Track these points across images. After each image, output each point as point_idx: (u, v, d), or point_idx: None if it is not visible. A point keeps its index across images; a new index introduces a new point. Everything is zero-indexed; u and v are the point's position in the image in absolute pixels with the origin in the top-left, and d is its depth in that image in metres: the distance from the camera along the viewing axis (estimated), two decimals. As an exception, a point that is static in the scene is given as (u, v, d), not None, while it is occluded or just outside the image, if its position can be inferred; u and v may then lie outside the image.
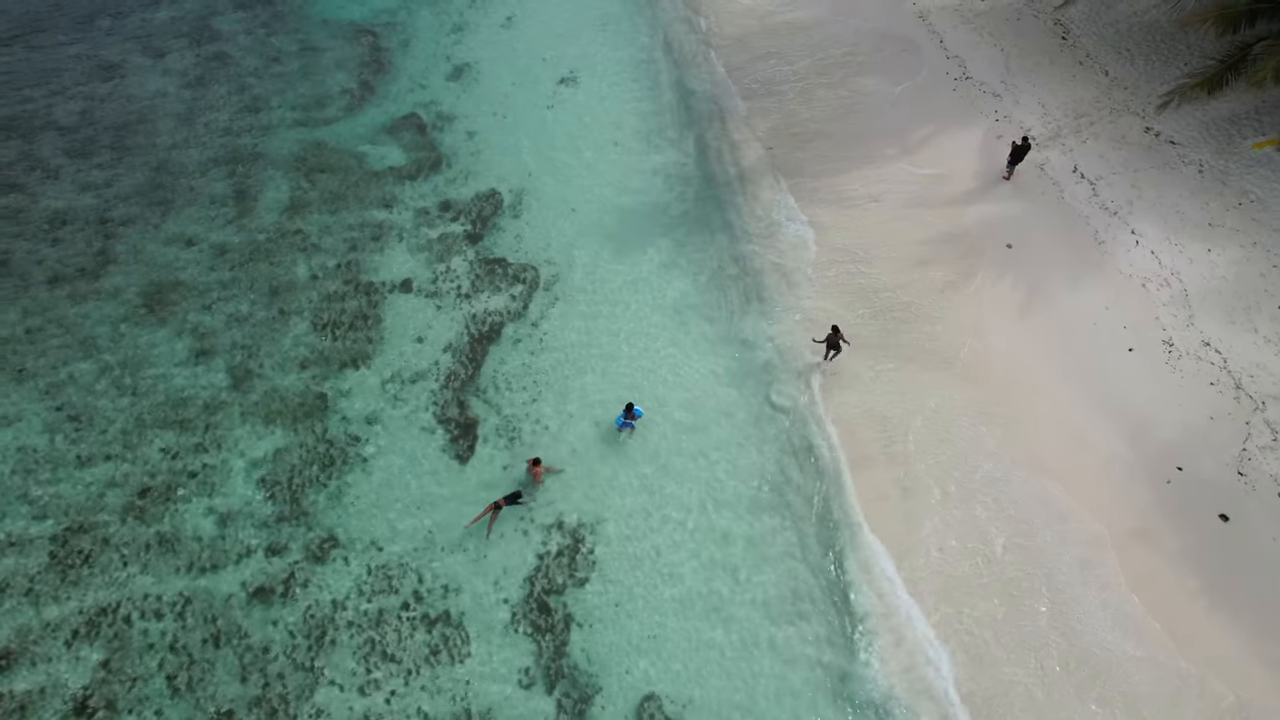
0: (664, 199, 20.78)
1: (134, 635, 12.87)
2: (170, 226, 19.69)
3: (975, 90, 22.21)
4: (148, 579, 13.58)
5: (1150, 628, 12.45)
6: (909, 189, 19.95)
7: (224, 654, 12.74)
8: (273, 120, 22.95)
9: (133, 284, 18.30)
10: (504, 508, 14.21)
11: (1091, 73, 21.51)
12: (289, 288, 18.43)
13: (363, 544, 14.09)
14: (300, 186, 20.96)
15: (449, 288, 18.48)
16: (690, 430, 15.65)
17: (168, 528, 14.24)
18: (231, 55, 25.20)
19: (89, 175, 20.79)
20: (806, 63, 24.49)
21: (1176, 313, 16.22)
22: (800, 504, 14.53)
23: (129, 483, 14.81)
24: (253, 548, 14.04)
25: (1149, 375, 15.39)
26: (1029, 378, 15.76)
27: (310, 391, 16.37)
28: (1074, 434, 14.85)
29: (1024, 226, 18.50)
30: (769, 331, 17.32)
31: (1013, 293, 17.27)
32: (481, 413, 16.02)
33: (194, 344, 17.17)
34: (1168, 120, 19.59)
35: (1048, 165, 19.70)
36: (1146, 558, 13.24)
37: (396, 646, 12.80)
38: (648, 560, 13.87)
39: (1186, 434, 14.48)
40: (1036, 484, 14.22)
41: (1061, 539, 13.53)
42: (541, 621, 13.07)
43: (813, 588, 13.43)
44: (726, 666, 12.61)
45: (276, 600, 13.41)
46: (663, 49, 25.92)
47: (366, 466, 15.14)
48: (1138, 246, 17.53)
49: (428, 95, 23.93)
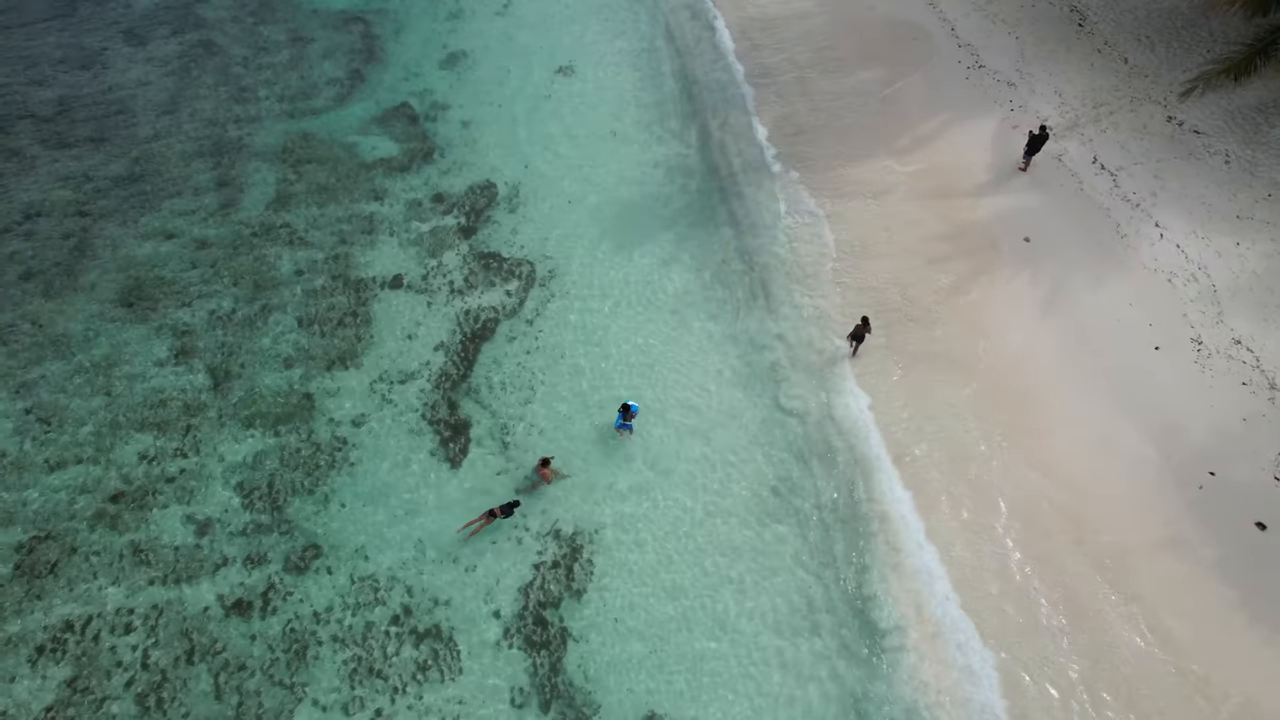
0: (665, 191, 20.00)
1: (102, 651, 12.21)
2: (150, 220, 18.89)
3: (989, 79, 21.41)
4: (118, 591, 12.85)
5: (1184, 641, 11.70)
6: (921, 181, 19.19)
7: (198, 671, 12.07)
8: (259, 110, 22.12)
9: (110, 279, 17.51)
10: (499, 518, 13.43)
11: (1110, 60, 20.70)
12: (274, 284, 17.64)
13: (347, 553, 13.44)
14: (287, 179, 20.16)
15: (441, 283, 17.70)
16: (694, 433, 14.92)
17: (141, 536, 13.50)
18: (218, 44, 24.37)
19: (66, 166, 19.98)
20: (812, 51, 23.71)
21: (1205, 309, 15.45)
22: (811, 512, 13.78)
23: (101, 488, 14.05)
24: (231, 557, 13.36)
25: (1177, 375, 14.64)
26: (1049, 378, 15.00)
27: (295, 392, 15.63)
28: (1098, 437, 14.11)
29: (1042, 219, 17.72)
30: (775, 329, 16.60)
31: (1031, 288, 16.50)
32: (474, 414, 15.27)
33: (173, 342, 16.39)
34: (1191, 109, 18.78)
35: (1066, 156, 18.91)
36: (1178, 568, 12.50)
37: (382, 662, 12.26)
38: (649, 571, 13.18)
39: (1218, 437, 13.74)
40: (1056, 491, 13.46)
41: (1081, 547, 12.79)
42: (536, 636, 12.48)
43: (824, 600, 12.72)
44: (734, 685, 11.94)
45: (255, 613, 12.78)
46: (664, 36, 25.15)
47: (352, 471, 14.46)
48: (1162, 240, 16.74)
49: (421, 84, 23.11)
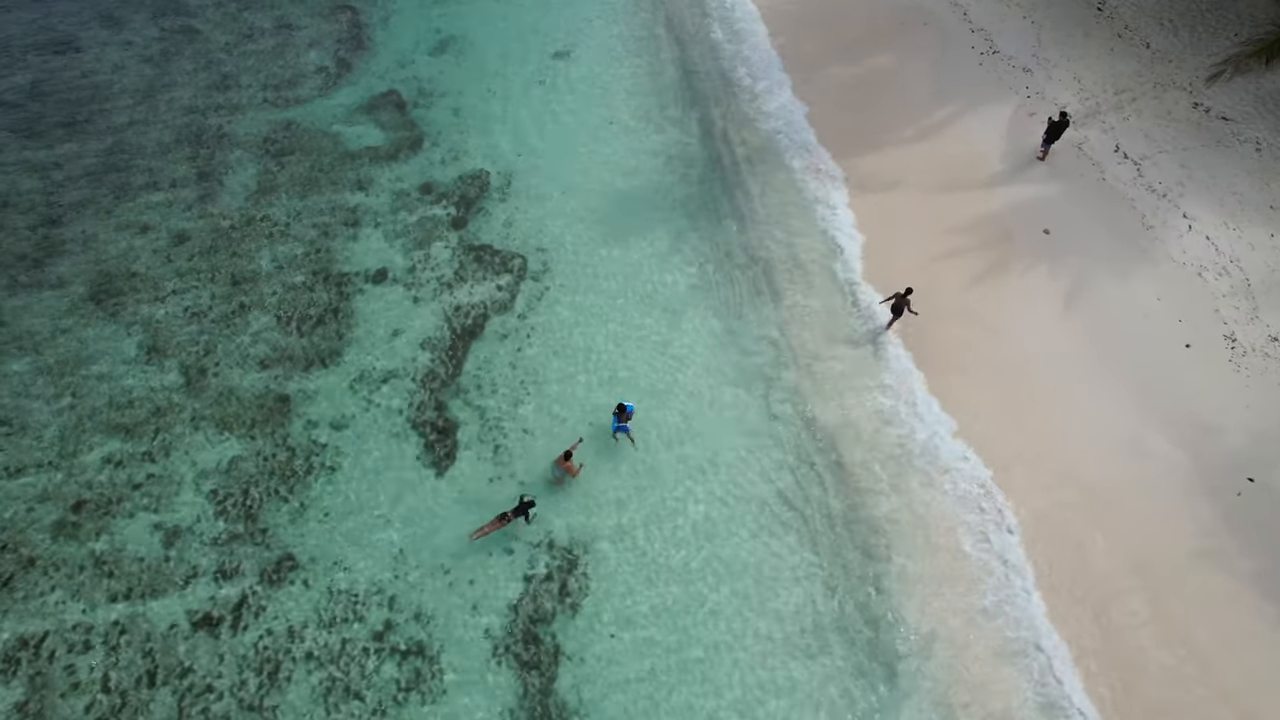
0: (666, 181, 19.08)
1: (58, 672, 11.38)
2: (123, 212, 17.95)
3: (1004, 65, 20.49)
4: (78, 606, 11.98)
5: (1220, 663, 10.84)
6: (933, 171, 18.27)
7: (161, 694, 11.23)
8: (241, 99, 21.17)
9: (79, 274, 16.59)
10: (512, 521, 12.57)
11: (1131, 45, 19.78)
12: (252, 278, 16.73)
13: (325, 565, 12.60)
14: (268, 169, 19.23)
15: (428, 278, 16.79)
16: (694, 436, 14.02)
17: (104, 547, 12.62)
18: (199, 30, 23.41)
19: (36, 155, 19.04)
20: (818, 39, 22.75)
21: (1239, 304, 14.57)
22: (820, 520, 12.90)
23: (62, 495, 13.17)
24: (201, 569, 12.52)
25: (1210, 374, 13.77)
26: (1073, 377, 14.11)
27: (271, 393, 14.73)
28: (1125, 441, 13.24)
29: (1062, 210, 16.82)
30: (778, 326, 15.73)
31: (1052, 282, 15.61)
32: (462, 416, 14.38)
33: (144, 340, 15.48)
34: (1218, 95, 17.87)
35: (1086, 144, 18.00)
36: (1215, 582, 11.63)
37: (361, 683, 11.45)
38: (649, 585, 12.29)
39: (1257, 440, 12.89)
40: (1079, 498, 12.59)
41: (1106, 559, 11.92)
42: (527, 655, 11.66)
43: (834, 617, 11.83)
44: (739, 708, 11.03)
45: (225, 630, 11.96)
46: (664, 22, 24.16)
47: (332, 477, 13.61)
48: (1191, 231, 15.85)
49: (409, 71, 22.16)
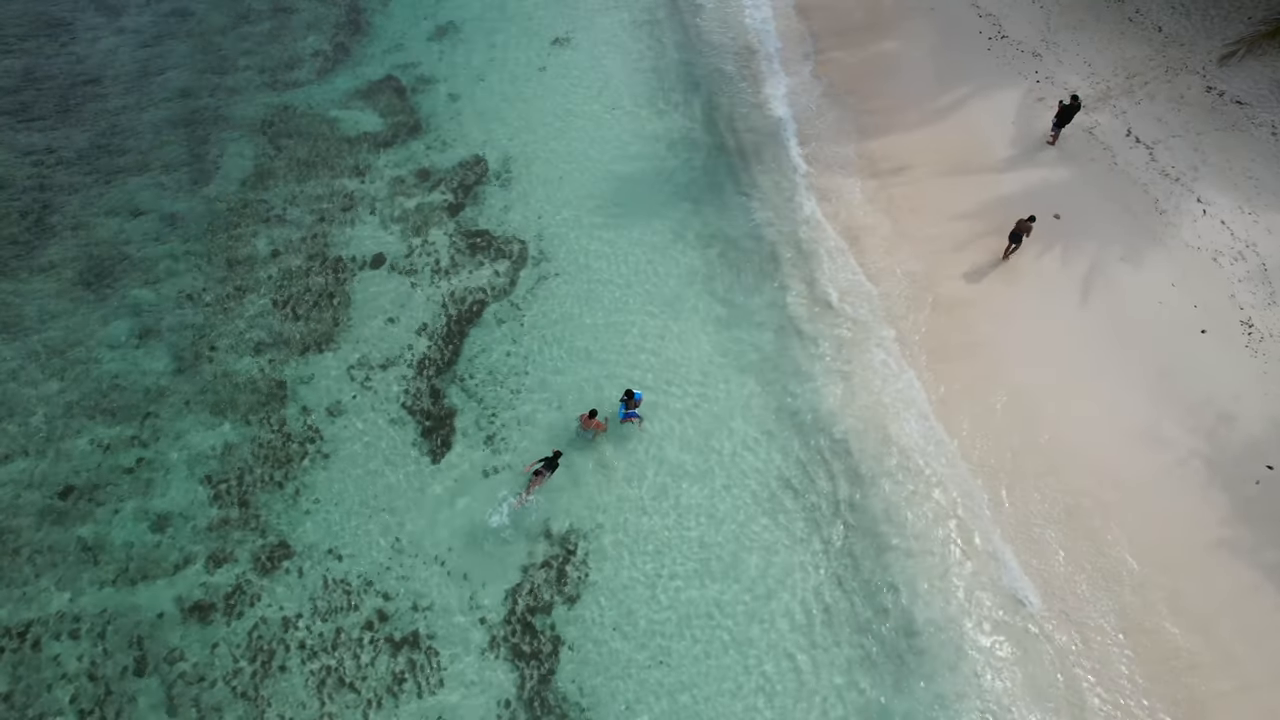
0: (669, 165, 18.73)
1: (43, 662, 11.06)
2: (116, 195, 17.61)
3: (1012, 50, 20.12)
4: (63, 594, 11.67)
5: (1244, 657, 10.50)
6: (941, 157, 17.93)
7: (149, 684, 10.92)
8: (237, 83, 20.81)
9: (70, 257, 16.25)
10: (548, 476, 12.56)
11: (1142, 29, 19.41)
12: (247, 262, 16.40)
13: (320, 553, 12.30)
14: (264, 153, 18.88)
15: (425, 263, 16.45)
16: (699, 423, 13.69)
17: (91, 533, 12.30)
18: (195, 12, 23.04)
19: (29, 139, 18.70)
20: (823, 23, 22.39)
21: (1255, 290, 14.23)
22: (826, 509, 12.57)
23: (49, 481, 12.84)
24: (192, 556, 12.21)
25: (1227, 361, 13.43)
26: (1087, 364, 13.77)
27: (266, 378, 14.41)
28: (1140, 430, 12.90)
29: (1074, 195, 16.47)
30: (786, 313, 15.40)
31: (1064, 268, 15.27)
32: (459, 403, 14.06)
33: (135, 323, 15.15)
34: (1232, 78, 17.51)
35: (1098, 129, 17.64)
36: (1235, 573, 11.29)
37: (356, 674, 11.16)
38: (651, 575, 11.98)
39: (1276, 427, 12.58)
40: (1096, 488, 12.25)
41: (1124, 549, 11.59)
42: (526, 645, 11.35)
43: (841, 605, 11.51)
44: (744, 699, 10.71)
45: (217, 618, 11.66)
46: (666, 5, 23.78)
47: (327, 464, 13.28)
48: (1205, 216, 15.51)
49: (408, 56, 21.79)
